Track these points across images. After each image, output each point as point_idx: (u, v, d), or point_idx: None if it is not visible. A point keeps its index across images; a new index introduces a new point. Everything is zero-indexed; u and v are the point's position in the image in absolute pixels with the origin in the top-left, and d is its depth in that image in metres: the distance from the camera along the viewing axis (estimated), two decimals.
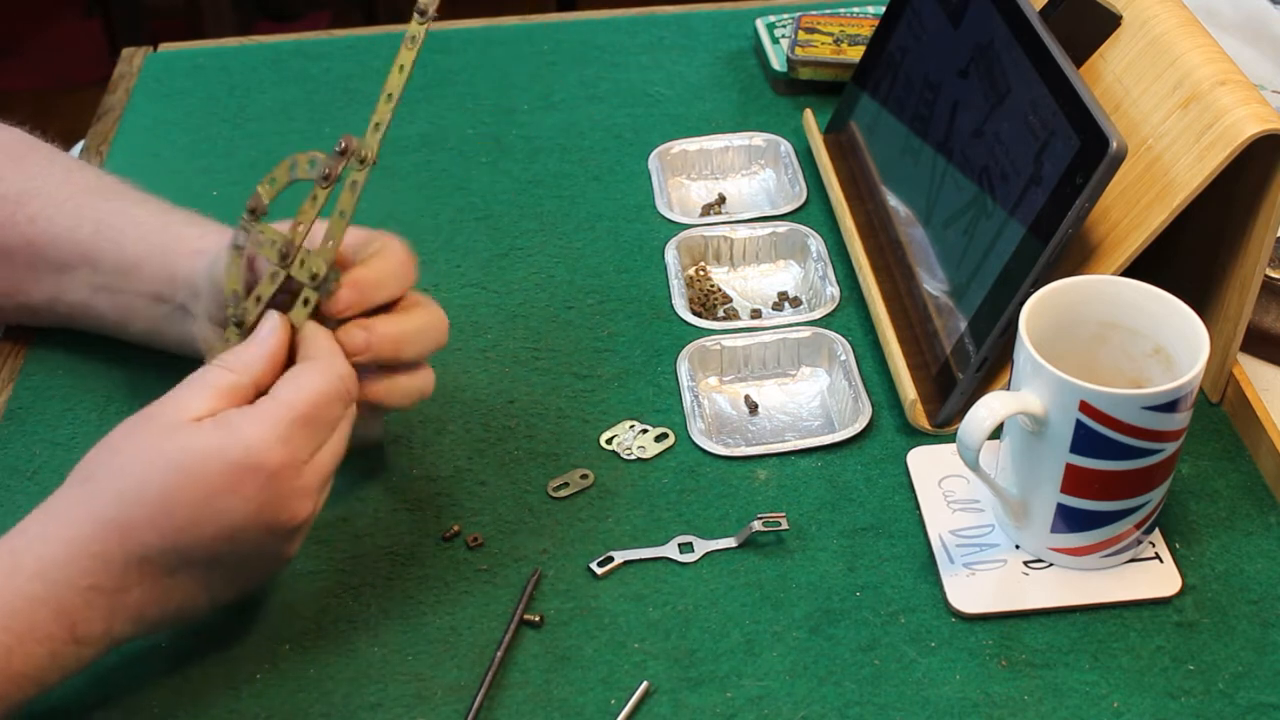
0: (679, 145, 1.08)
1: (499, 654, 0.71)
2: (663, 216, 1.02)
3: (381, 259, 0.74)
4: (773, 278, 0.98)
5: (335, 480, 0.82)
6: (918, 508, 0.79)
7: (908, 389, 0.84)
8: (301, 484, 0.68)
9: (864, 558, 0.77)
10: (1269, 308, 0.87)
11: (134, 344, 0.88)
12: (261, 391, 0.69)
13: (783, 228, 0.99)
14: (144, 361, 0.90)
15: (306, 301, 0.73)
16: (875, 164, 1.00)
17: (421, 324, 0.75)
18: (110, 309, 0.86)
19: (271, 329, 0.71)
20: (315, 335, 0.72)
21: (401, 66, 0.72)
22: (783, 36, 1.17)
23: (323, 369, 0.70)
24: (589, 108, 1.14)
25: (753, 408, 0.88)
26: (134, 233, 0.84)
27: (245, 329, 0.75)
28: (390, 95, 0.72)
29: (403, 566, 0.77)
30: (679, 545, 0.78)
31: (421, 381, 0.77)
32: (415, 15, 0.71)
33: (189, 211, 0.86)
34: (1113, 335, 0.76)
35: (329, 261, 0.73)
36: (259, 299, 0.75)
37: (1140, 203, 0.79)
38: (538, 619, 0.73)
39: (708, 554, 0.77)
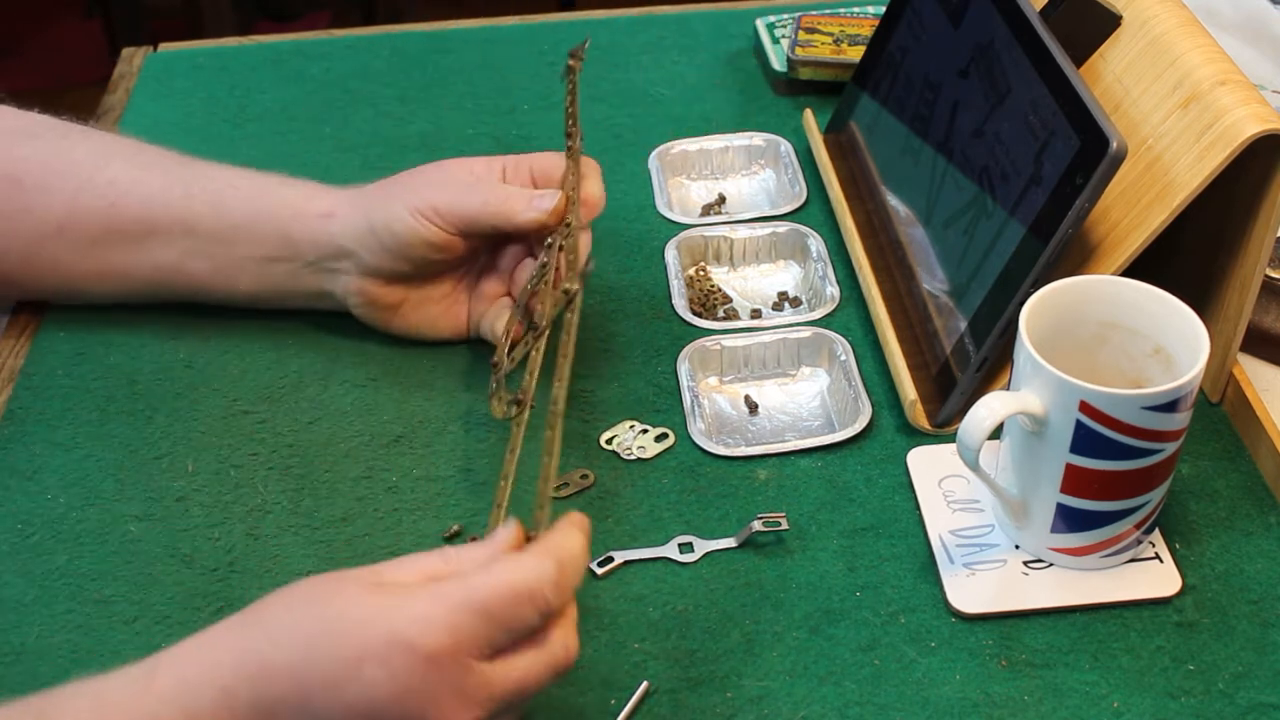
0: (679, 145, 1.08)
1: None
2: (663, 216, 1.02)
3: (594, 177, 0.85)
4: (773, 278, 0.98)
5: (335, 477, 0.82)
6: (918, 508, 0.79)
7: (908, 389, 0.84)
8: (464, 684, 0.58)
9: (864, 558, 0.77)
10: (1269, 308, 0.87)
11: (224, 304, 0.89)
12: None
13: (783, 228, 0.99)
14: (145, 362, 0.90)
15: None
16: (875, 164, 1.00)
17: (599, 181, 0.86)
18: (208, 271, 0.87)
19: (507, 538, 0.64)
20: (548, 535, 0.63)
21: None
22: (783, 36, 1.17)
23: (524, 564, 0.60)
24: (589, 108, 1.14)
25: (753, 408, 0.88)
26: (232, 196, 0.86)
27: (522, 404, 0.75)
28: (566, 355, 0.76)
29: None
30: (679, 545, 0.78)
31: None
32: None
33: (277, 173, 0.88)
34: (1113, 335, 0.76)
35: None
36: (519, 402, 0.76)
37: (1140, 203, 0.79)
38: None
39: (708, 554, 0.77)
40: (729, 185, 1.07)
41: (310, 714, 0.58)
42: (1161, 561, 0.76)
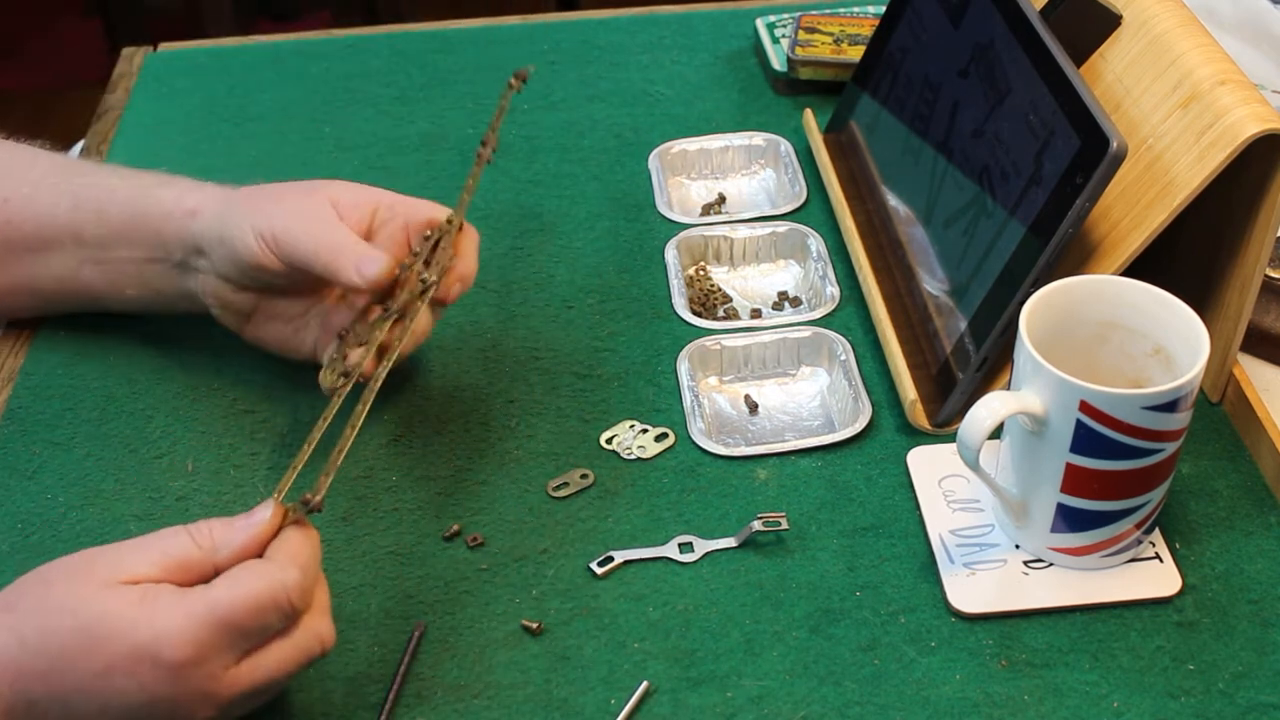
0: (679, 145, 1.08)
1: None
2: (663, 216, 1.02)
3: (471, 246, 0.83)
4: (773, 277, 0.98)
5: (333, 477, 0.82)
6: (918, 508, 0.79)
7: (908, 389, 0.84)
8: (208, 689, 0.62)
9: (864, 558, 0.77)
10: (1269, 308, 0.87)
11: (125, 311, 0.89)
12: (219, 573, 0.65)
13: (783, 227, 0.99)
14: (145, 362, 0.90)
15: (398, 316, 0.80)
16: (875, 164, 1.00)
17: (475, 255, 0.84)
18: (99, 278, 0.87)
19: (263, 519, 0.66)
20: (288, 538, 0.66)
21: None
22: (783, 36, 1.17)
23: (267, 574, 0.63)
24: (589, 108, 1.14)
25: (753, 407, 0.88)
26: (112, 203, 0.86)
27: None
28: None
29: (403, 566, 0.77)
30: (679, 545, 0.78)
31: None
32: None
33: (158, 173, 0.89)
34: (1113, 335, 0.76)
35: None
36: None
37: (1140, 202, 0.79)
38: (535, 626, 0.73)
39: (708, 554, 0.77)
40: (729, 185, 1.07)
41: (71, 711, 0.62)
42: (1161, 561, 0.76)
